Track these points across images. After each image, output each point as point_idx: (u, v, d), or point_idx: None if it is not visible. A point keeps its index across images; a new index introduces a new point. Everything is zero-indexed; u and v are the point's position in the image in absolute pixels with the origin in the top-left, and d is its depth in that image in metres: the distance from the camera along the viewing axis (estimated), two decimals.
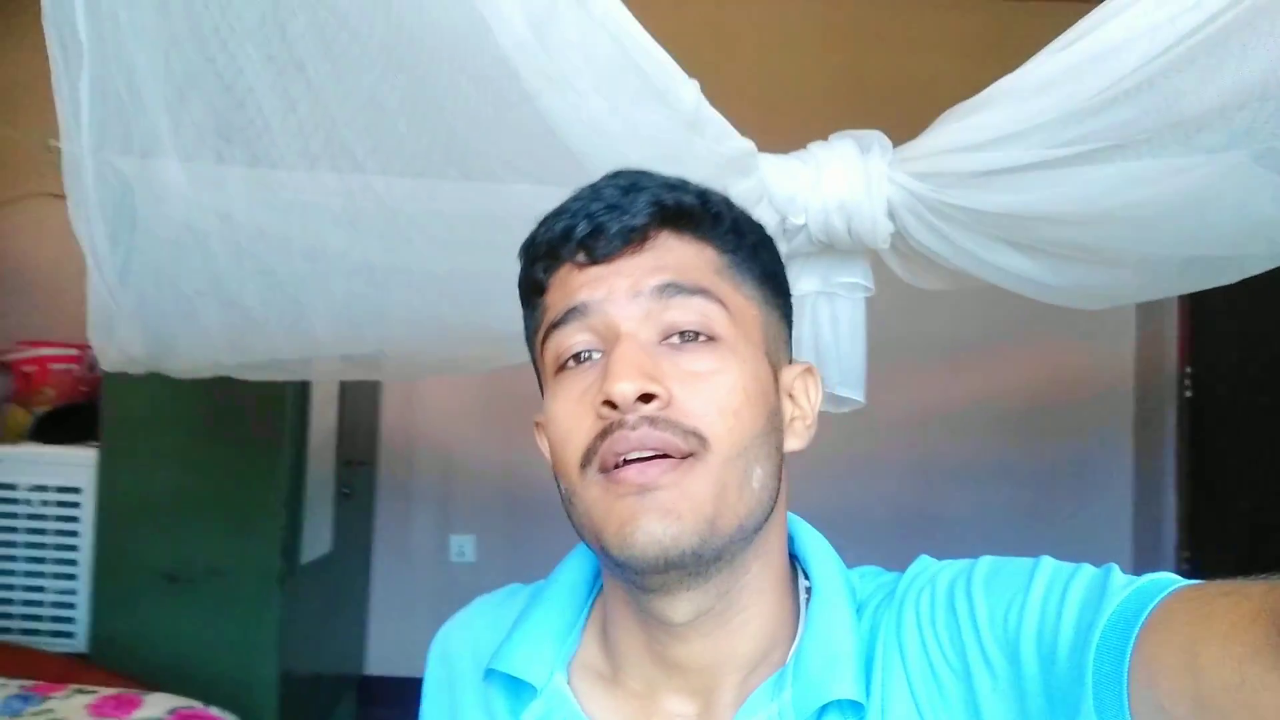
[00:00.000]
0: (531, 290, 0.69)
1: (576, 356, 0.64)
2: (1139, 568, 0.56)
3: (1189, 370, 2.94)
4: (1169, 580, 0.54)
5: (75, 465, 2.48)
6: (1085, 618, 0.54)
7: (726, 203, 0.69)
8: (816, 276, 1.29)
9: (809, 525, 0.73)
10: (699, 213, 0.66)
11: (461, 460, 3.32)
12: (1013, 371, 3.18)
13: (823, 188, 1.19)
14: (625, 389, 0.59)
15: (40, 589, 2.47)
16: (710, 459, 0.60)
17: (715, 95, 1.10)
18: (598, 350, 0.64)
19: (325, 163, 0.90)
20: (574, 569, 0.75)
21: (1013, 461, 3.14)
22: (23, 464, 2.52)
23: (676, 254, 0.65)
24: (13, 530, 2.48)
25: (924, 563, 0.69)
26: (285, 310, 1.05)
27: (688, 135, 1.07)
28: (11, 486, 2.50)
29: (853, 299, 1.30)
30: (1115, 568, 0.57)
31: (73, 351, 3.13)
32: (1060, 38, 1.02)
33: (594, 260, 0.64)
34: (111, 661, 2.31)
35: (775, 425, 0.66)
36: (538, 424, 0.71)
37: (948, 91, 1.23)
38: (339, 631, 3.12)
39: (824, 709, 0.62)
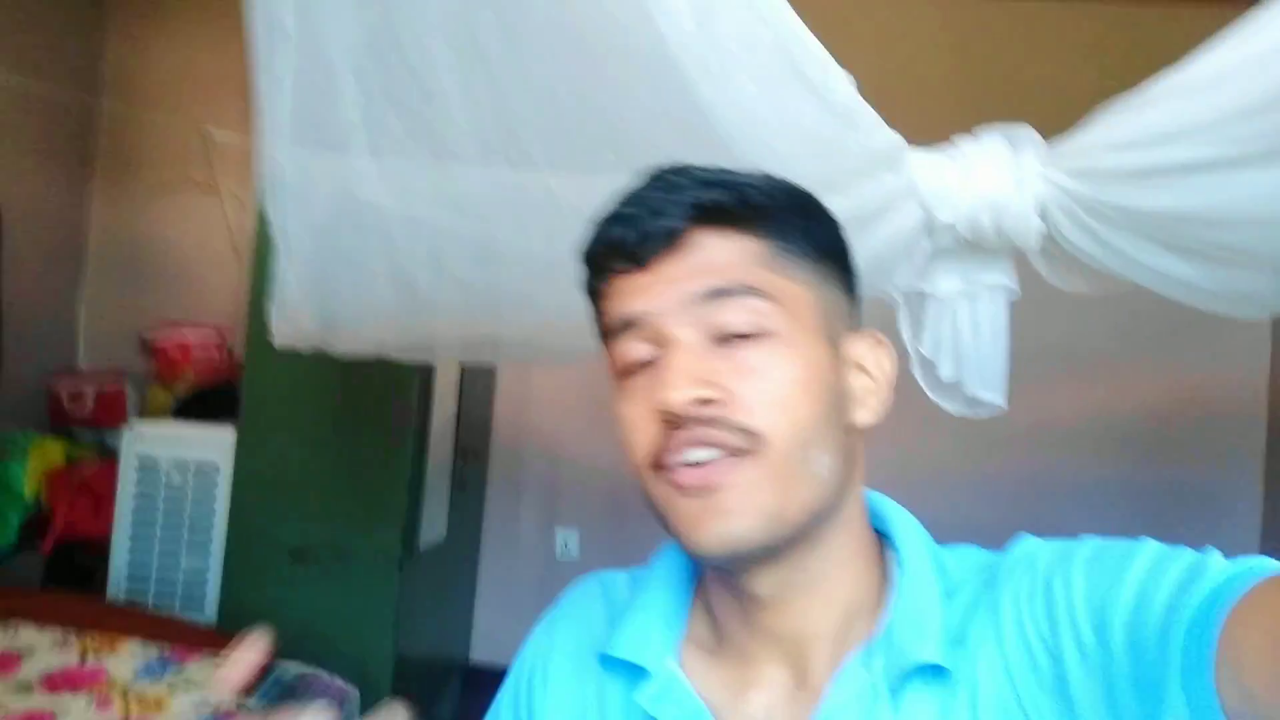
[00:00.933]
0: (592, 296, 0.72)
1: (638, 363, 0.66)
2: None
3: None
4: (1265, 564, 0.54)
5: (214, 443, 2.61)
6: (1179, 598, 0.54)
7: (769, 190, 0.68)
8: (958, 276, 1.28)
9: (894, 503, 0.75)
10: (737, 207, 0.66)
11: (568, 456, 3.38)
12: (1137, 388, 3.06)
13: (972, 185, 1.17)
14: (676, 397, 0.62)
15: (176, 562, 2.61)
16: (769, 454, 0.62)
17: None
18: (654, 357, 0.66)
19: (500, 156, 0.94)
20: (673, 557, 0.78)
21: (1133, 482, 3.03)
22: (165, 440, 2.66)
23: (718, 252, 0.66)
24: (153, 504, 2.62)
25: (1026, 542, 0.69)
26: (452, 294, 1.10)
27: (839, 128, 1.07)
28: (153, 461, 2.64)
29: (995, 300, 1.28)
30: (1215, 551, 0.57)
31: (213, 335, 3.31)
32: (1231, 32, 0.99)
33: (639, 266, 0.66)
34: (238, 633, 2.41)
35: (839, 407, 0.67)
36: None
37: (1073, 95, 1.21)
38: (448, 618, 3.20)
39: (909, 674, 0.64)
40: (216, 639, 2.27)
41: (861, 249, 1.20)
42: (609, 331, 0.68)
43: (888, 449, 3.20)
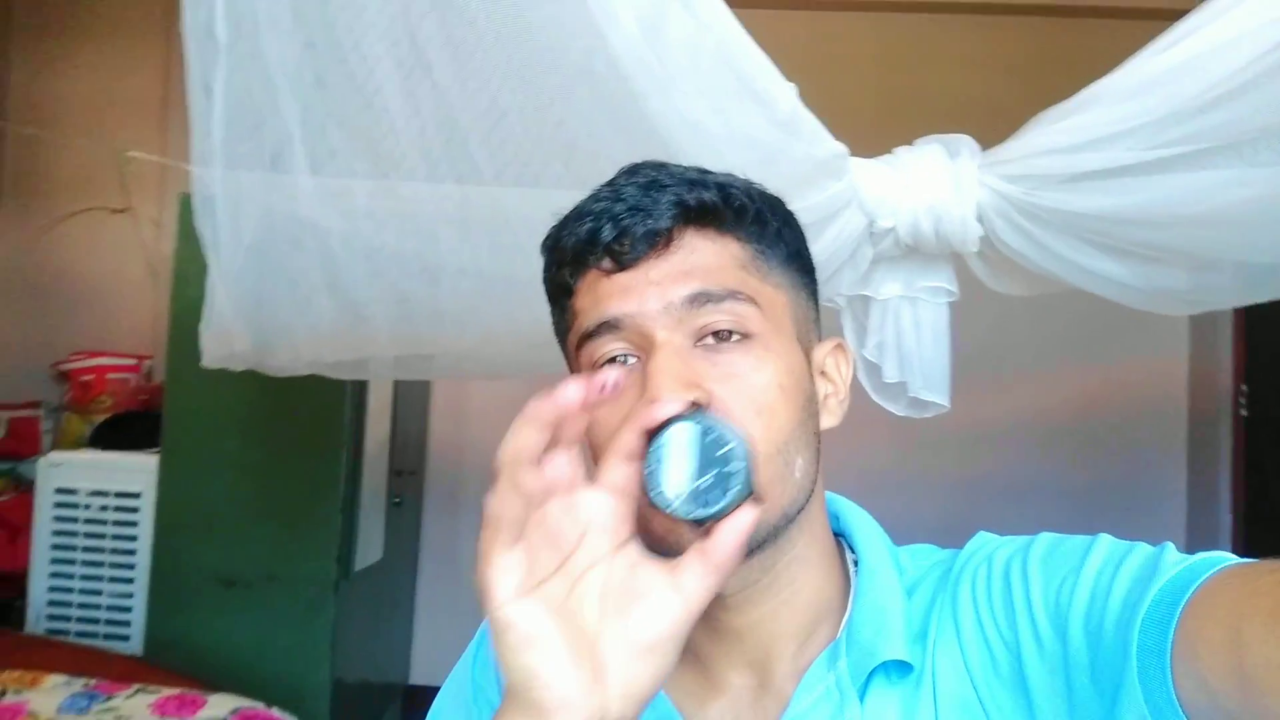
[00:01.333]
0: (559, 292, 0.69)
1: (613, 360, 0.65)
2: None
3: (1244, 388, 2.91)
4: (1220, 558, 0.55)
5: (135, 471, 2.52)
6: (1134, 593, 0.55)
7: (748, 191, 0.68)
8: (900, 280, 1.30)
9: (852, 503, 0.75)
10: (722, 209, 0.65)
11: None
12: (1063, 388, 3.16)
13: (912, 191, 1.19)
14: (666, 402, 0.59)
15: (98, 592, 2.51)
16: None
17: None
18: (633, 354, 0.64)
19: (445, 170, 0.92)
20: None
21: (1063, 480, 3.11)
22: (84, 469, 2.57)
23: (702, 254, 0.65)
24: (73, 535, 2.52)
25: (982, 539, 0.71)
26: (392, 310, 1.07)
27: (784, 138, 1.08)
28: (72, 491, 2.54)
29: (936, 303, 1.30)
30: (1170, 546, 0.58)
31: (130, 361, 3.19)
32: (1159, 39, 1.03)
33: (620, 266, 0.64)
34: (167, 664, 2.33)
35: (811, 411, 0.67)
36: None
37: (1005, 108, 1.24)
38: (388, 640, 3.13)
39: (874, 672, 0.64)
40: (144, 670, 2.18)
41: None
42: (585, 333, 0.65)
43: (825, 452, 3.24)
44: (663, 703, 0.68)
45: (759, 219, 0.67)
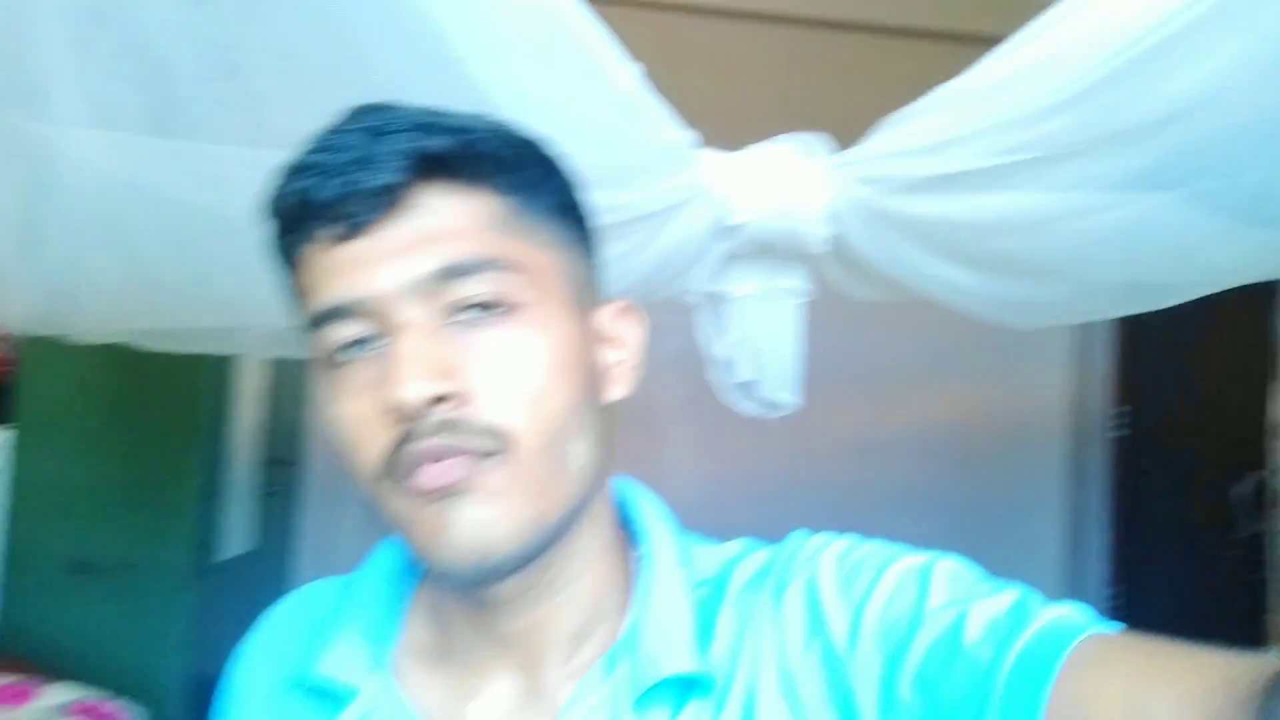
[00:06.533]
0: (281, 264, 0.59)
1: (350, 345, 0.55)
2: (1066, 600, 0.53)
3: (1126, 408, 2.98)
4: (1088, 615, 0.51)
5: None
6: (998, 641, 0.50)
7: (498, 134, 0.58)
8: (755, 279, 1.27)
9: (644, 489, 0.68)
10: (464, 157, 0.55)
11: None
12: (946, 401, 3.20)
13: (762, 188, 1.16)
14: (410, 395, 0.51)
15: None
16: (518, 455, 0.54)
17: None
18: (374, 337, 0.54)
19: (242, 135, 0.85)
20: (389, 556, 0.67)
21: (946, 492, 3.15)
22: None
23: (447, 214, 0.55)
24: None
25: (805, 540, 0.64)
26: (193, 271, 1.00)
27: (623, 119, 1.04)
28: None
29: (791, 303, 1.27)
30: (1020, 588, 0.54)
31: None
32: (1005, 44, 1.01)
33: (346, 233, 0.54)
34: (20, 651, 2.21)
35: (592, 387, 0.60)
36: None
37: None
38: None
39: (657, 686, 0.58)
40: None
41: (652, 248, 1.19)
42: (313, 318, 0.55)
43: (703, 459, 3.21)
44: (403, 715, 0.61)
45: (513, 167, 0.57)
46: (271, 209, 0.57)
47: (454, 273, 0.54)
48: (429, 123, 0.55)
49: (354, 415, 0.54)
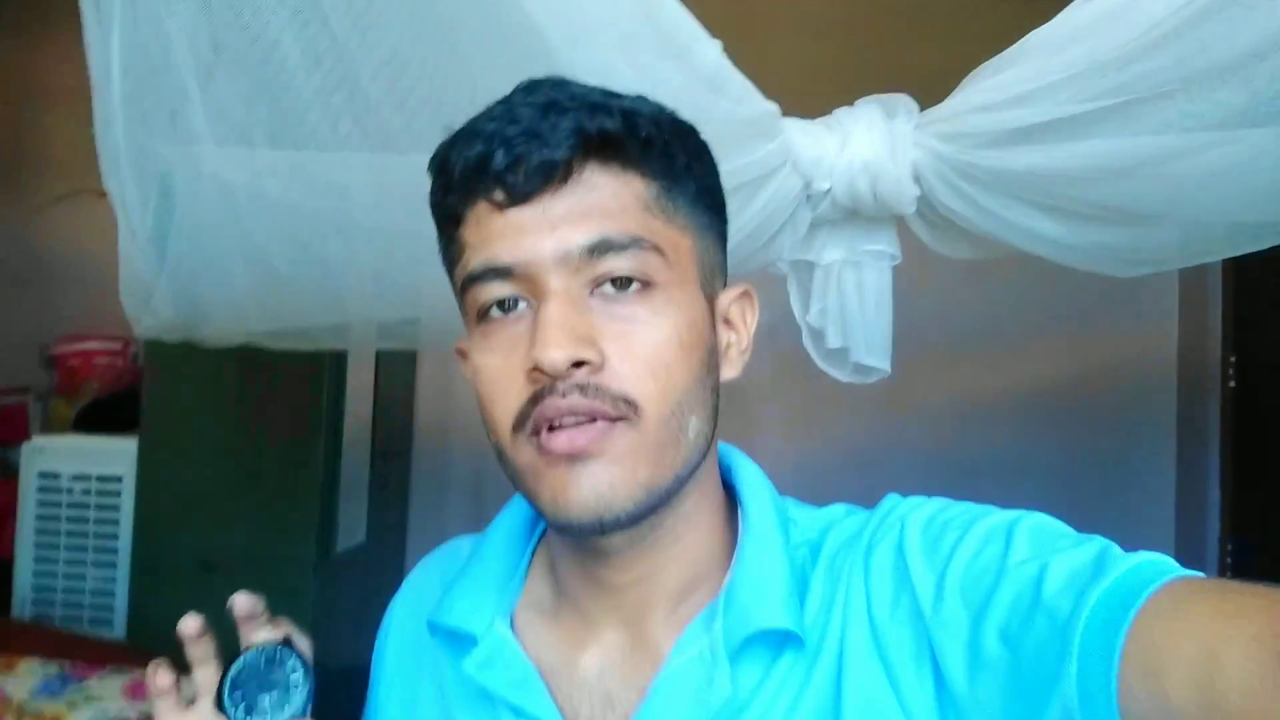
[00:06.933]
0: (445, 219, 0.64)
1: (501, 304, 0.61)
2: (1182, 559, 0.53)
3: (1233, 360, 2.87)
4: (1164, 562, 0.52)
5: (116, 454, 2.53)
6: (1079, 589, 0.51)
7: (657, 120, 0.63)
8: (842, 245, 1.28)
9: (745, 458, 0.72)
10: (627, 140, 0.60)
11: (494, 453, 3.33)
12: (1048, 363, 3.12)
13: (847, 151, 1.17)
14: (555, 357, 0.56)
15: (82, 576, 2.52)
16: (643, 423, 0.59)
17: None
18: (523, 299, 0.60)
19: (349, 124, 0.90)
20: (513, 516, 0.74)
21: (1050, 455, 3.08)
22: (65, 454, 2.58)
23: (603, 191, 0.60)
24: (56, 519, 2.53)
25: (893, 500, 0.68)
26: (313, 272, 1.06)
27: (709, 95, 1.06)
28: (55, 475, 2.55)
29: (879, 267, 1.28)
30: (1101, 539, 0.56)
31: (117, 345, 3.20)
32: None
33: (512, 199, 0.59)
34: (149, 648, 2.35)
35: (711, 365, 0.64)
36: (459, 350, 0.69)
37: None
38: (372, 622, 3.14)
39: (750, 639, 0.62)
40: (124, 654, 2.20)
41: (743, 218, 1.21)
42: (471, 275, 0.61)
43: (796, 434, 3.21)
44: (519, 662, 0.66)
45: (666, 152, 0.63)
46: (441, 168, 0.63)
47: (606, 248, 0.59)
48: (598, 103, 0.60)
49: (496, 368, 0.60)
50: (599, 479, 0.58)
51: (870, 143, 1.18)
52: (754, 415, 2.96)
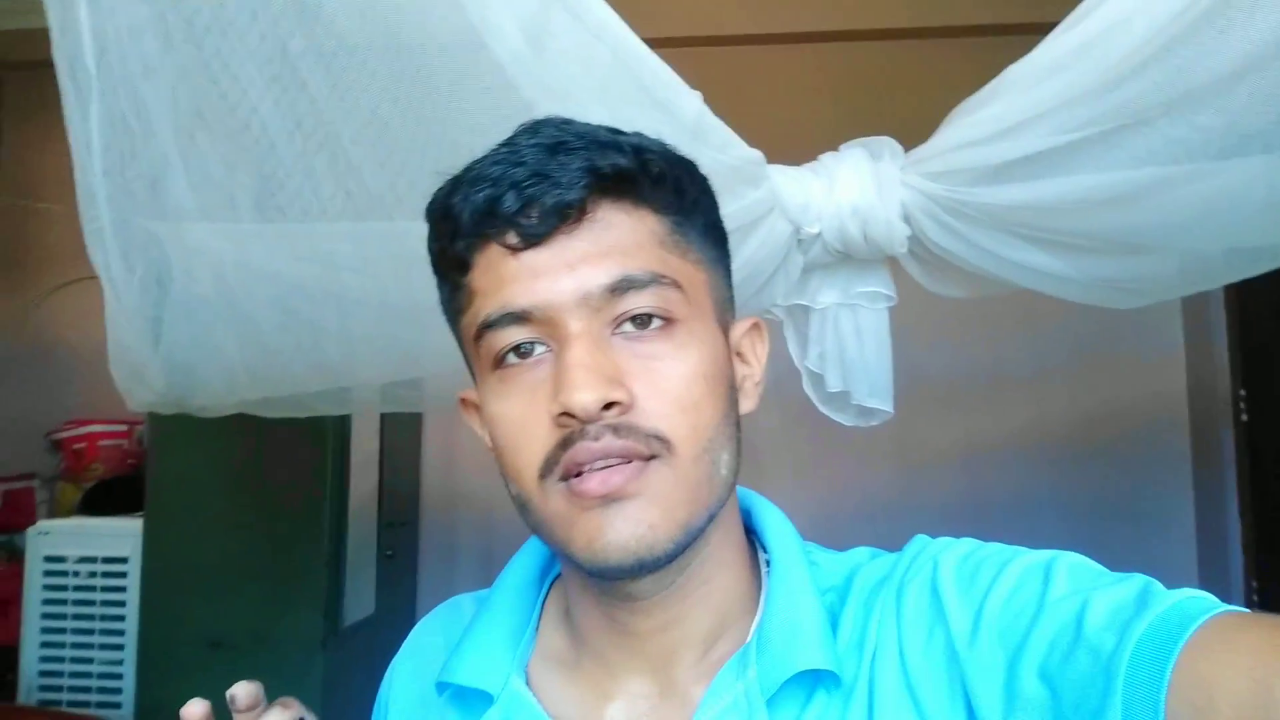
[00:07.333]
0: (450, 267, 0.62)
1: (517, 349, 0.59)
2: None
3: (1243, 393, 2.84)
4: (1207, 598, 0.50)
5: (121, 536, 2.52)
6: (1116, 624, 0.50)
7: (665, 155, 0.62)
8: (837, 288, 1.27)
9: (764, 499, 0.71)
10: (639, 176, 0.59)
11: (501, 518, 3.31)
12: (1055, 403, 3.09)
13: (835, 195, 1.17)
14: (586, 400, 0.54)
15: (89, 659, 2.49)
16: (677, 460, 0.57)
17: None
18: (541, 343, 0.58)
19: (330, 186, 0.90)
20: (522, 567, 0.72)
21: (1063, 496, 3.04)
22: (71, 536, 2.57)
23: (619, 230, 0.59)
24: (62, 603, 2.51)
25: (921, 542, 0.66)
26: (301, 339, 1.06)
27: (692, 144, 1.06)
28: (61, 559, 2.53)
29: (875, 309, 1.27)
30: (1143, 577, 0.54)
31: (121, 428, 3.21)
32: (1066, 19, 1.01)
33: (526, 242, 0.57)
34: None
35: (733, 399, 0.63)
36: (464, 401, 0.68)
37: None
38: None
39: (789, 682, 0.59)
40: None
41: (734, 264, 1.20)
42: (486, 322, 0.59)
43: (805, 482, 3.16)
44: (537, 717, 0.64)
45: (677, 187, 0.62)
46: (445, 214, 0.61)
47: (627, 285, 0.57)
48: (606, 140, 0.59)
49: (518, 416, 0.58)
50: (638, 520, 0.56)
51: (857, 185, 1.18)
52: (764, 464, 2.93)
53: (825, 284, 1.28)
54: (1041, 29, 1.03)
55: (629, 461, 0.56)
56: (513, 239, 0.58)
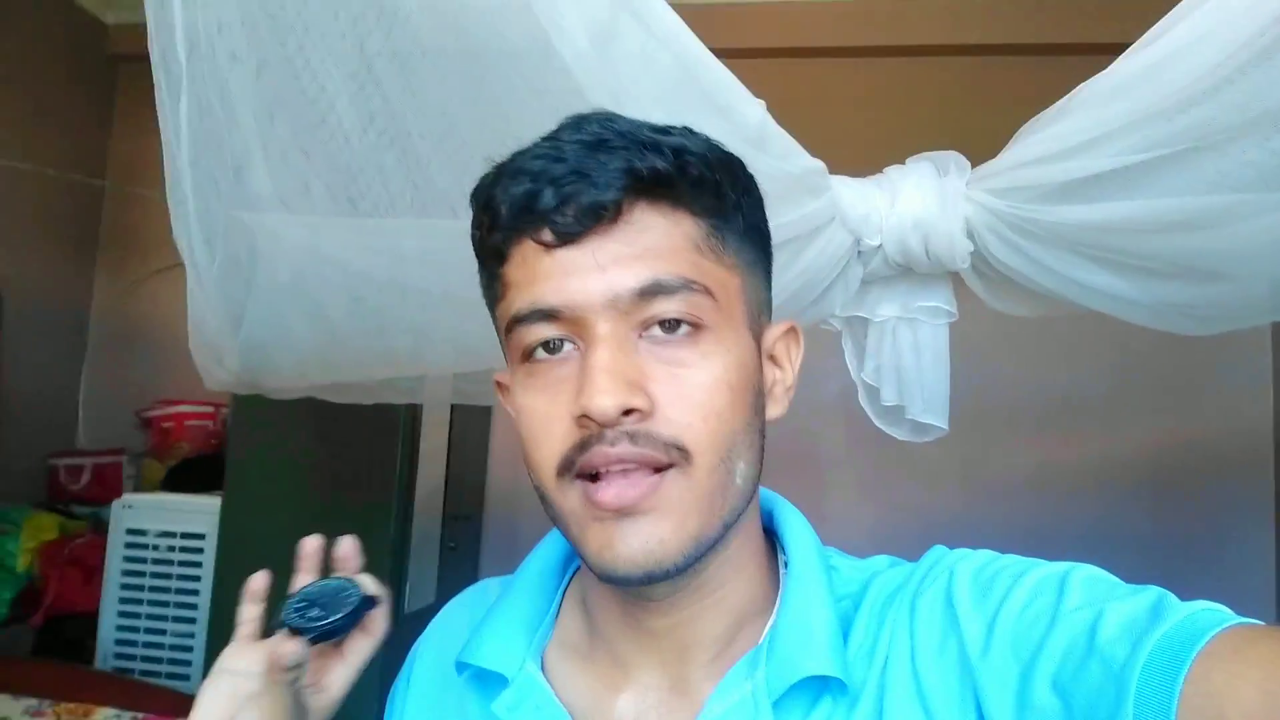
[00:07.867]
0: (488, 255, 0.63)
1: (546, 345, 0.60)
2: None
3: None
4: (1219, 610, 0.51)
5: (200, 513, 2.61)
6: (1129, 635, 0.50)
7: (706, 159, 0.61)
8: (896, 301, 1.27)
9: (787, 503, 0.71)
10: (677, 180, 0.58)
11: None
12: (1132, 432, 2.99)
13: (897, 207, 1.17)
14: (605, 405, 0.55)
15: (162, 631, 2.59)
16: (693, 470, 0.57)
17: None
18: (570, 340, 0.59)
19: (400, 181, 0.94)
20: (544, 555, 0.74)
21: (1136, 529, 2.93)
22: (153, 512, 2.67)
23: (653, 233, 0.58)
24: (141, 575, 2.62)
25: (939, 552, 0.66)
26: (366, 326, 1.10)
27: (753, 152, 1.06)
28: (142, 532, 2.65)
29: (935, 324, 1.26)
30: (1158, 589, 0.54)
31: (208, 409, 3.34)
32: (1140, 39, 1.00)
33: (560, 240, 0.57)
34: None
35: (759, 407, 0.63)
36: (499, 383, 0.69)
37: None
38: None
39: (796, 686, 0.60)
40: None
41: (791, 273, 1.21)
42: (516, 316, 0.60)
43: (868, 501, 3.12)
44: (549, 705, 0.65)
45: (717, 190, 0.61)
46: (486, 204, 0.62)
47: (656, 290, 0.57)
48: (647, 141, 0.59)
49: (541, 411, 0.59)
50: (649, 535, 0.57)
51: (920, 199, 1.17)
52: (828, 479, 2.90)
53: (885, 297, 1.27)
54: (1114, 49, 1.01)
55: (645, 469, 0.57)
56: (547, 236, 0.58)
